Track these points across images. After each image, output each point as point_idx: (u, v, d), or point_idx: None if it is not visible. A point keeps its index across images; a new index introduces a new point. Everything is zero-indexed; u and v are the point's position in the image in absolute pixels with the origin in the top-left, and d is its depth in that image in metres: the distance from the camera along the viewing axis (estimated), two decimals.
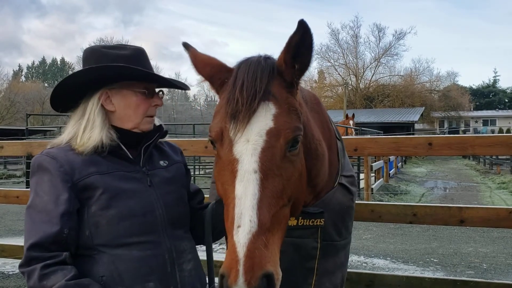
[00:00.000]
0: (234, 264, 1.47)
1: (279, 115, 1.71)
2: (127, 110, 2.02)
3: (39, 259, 1.76)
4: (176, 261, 1.99)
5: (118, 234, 1.88)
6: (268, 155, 1.65)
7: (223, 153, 1.71)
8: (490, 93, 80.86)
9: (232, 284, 1.46)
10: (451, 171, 29.32)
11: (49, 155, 1.93)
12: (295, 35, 1.71)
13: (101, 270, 1.85)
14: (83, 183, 1.89)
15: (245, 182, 1.60)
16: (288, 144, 1.70)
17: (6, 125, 47.97)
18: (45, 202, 1.84)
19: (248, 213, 1.55)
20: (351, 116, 19.53)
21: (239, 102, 1.68)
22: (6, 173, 25.83)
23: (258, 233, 1.52)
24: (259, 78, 1.72)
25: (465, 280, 3.67)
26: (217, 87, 1.89)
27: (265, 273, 1.48)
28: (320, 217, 2.14)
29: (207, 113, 79.44)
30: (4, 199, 4.91)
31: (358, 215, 3.39)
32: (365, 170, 14.28)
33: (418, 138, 3.47)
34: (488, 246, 8.61)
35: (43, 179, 1.89)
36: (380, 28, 61.90)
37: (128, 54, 2.02)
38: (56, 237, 1.79)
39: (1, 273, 6.68)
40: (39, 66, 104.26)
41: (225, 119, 1.71)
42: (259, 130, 1.67)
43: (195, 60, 1.95)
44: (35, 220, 1.83)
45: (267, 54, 1.87)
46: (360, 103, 57.40)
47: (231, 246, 1.52)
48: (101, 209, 1.88)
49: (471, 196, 16.56)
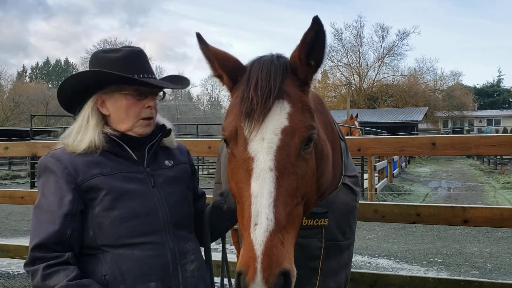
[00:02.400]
0: (252, 262, 1.48)
1: (294, 113, 1.72)
2: (119, 113, 2.03)
3: (43, 259, 1.79)
4: (179, 262, 2.00)
5: (121, 234, 1.90)
6: (283, 154, 1.66)
7: (237, 151, 1.71)
8: (494, 92, 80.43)
9: (250, 281, 1.46)
10: (455, 171, 29.23)
11: (54, 156, 1.96)
12: (309, 31, 1.72)
13: (104, 269, 1.88)
14: (87, 185, 1.91)
15: (261, 180, 1.61)
16: (303, 143, 1.71)
17: (11, 126, 48.25)
18: (50, 203, 1.88)
19: (265, 211, 1.55)
20: (355, 116, 19.49)
21: (254, 100, 1.69)
22: (11, 173, 25.84)
23: (275, 231, 1.53)
24: (273, 76, 1.73)
25: (469, 280, 3.67)
26: (230, 84, 1.90)
27: (283, 270, 1.49)
28: (324, 217, 2.15)
29: (211, 114, 79.56)
30: (9, 200, 4.94)
31: (362, 215, 3.40)
32: (369, 170, 14.25)
33: (421, 138, 3.47)
34: (493, 246, 8.58)
35: (49, 180, 1.92)
36: (383, 28, 61.81)
37: (118, 56, 2.04)
38: (58, 238, 1.82)
39: (7, 273, 6.70)
40: (43, 67, 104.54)
41: (239, 118, 1.72)
42: (274, 129, 1.68)
43: (208, 54, 1.93)
44: (41, 220, 1.87)
45: (279, 53, 1.88)
46: (363, 103, 57.31)
47: (248, 244, 1.52)
48: (105, 210, 1.90)
49: (475, 196, 16.50)
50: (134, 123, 2.03)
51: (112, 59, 2.03)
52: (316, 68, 1.84)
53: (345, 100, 48.14)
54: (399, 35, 60.48)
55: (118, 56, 2.04)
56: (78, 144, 1.97)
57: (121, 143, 2.03)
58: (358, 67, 60.83)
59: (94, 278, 1.85)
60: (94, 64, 2.06)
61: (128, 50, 2.07)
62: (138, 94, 2.03)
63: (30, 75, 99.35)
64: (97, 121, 2.01)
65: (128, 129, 2.04)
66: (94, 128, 1.99)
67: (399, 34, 60.60)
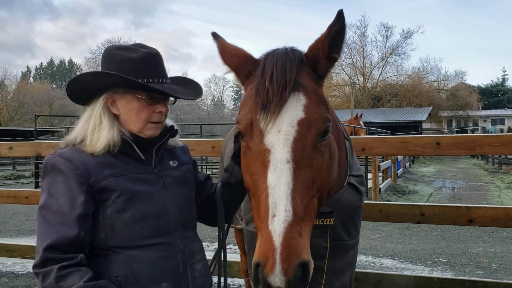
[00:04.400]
0: (271, 253, 1.47)
1: (310, 105, 1.72)
2: (130, 115, 2.00)
3: (55, 260, 1.75)
4: (188, 262, 2.01)
5: (133, 236, 1.89)
6: (300, 146, 1.66)
7: (253, 144, 1.71)
8: (498, 92, 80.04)
9: (268, 273, 1.46)
10: (459, 170, 29.13)
11: (62, 156, 1.91)
12: (334, 25, 1.74)
13: (116, 270, 1.86)
14: (99, 186, 1.88)
15: (278, 172, 1.61)
16: (319, 135, 1.72)
17: (15, 126, 48.43)
18: (61, 203, 1.83)
19: (283, 203, 1.55)
20: (360, 116, 19.45)
21: (270, 92, 1.69)
22: (15, 173, 25.95)
23: (293, 222, 1.53)
24: (288, 68, 1.73)
25: (474, 280, 3.65)
26: (243, 78, 1.91)
27: (301, 261, 1.49)
28: (330, 217, 2.14)
29: (214, 114, 79.67)
30: (13, 200, 4.96)
31: (366, 215, 3.39)
32: (373, 170, 14.21)
33: (426, 137, 3.46)
34: (497, 246, 8.55)
35: (57, 180, 1.87)
36: (387, 28, 61.79)
37: (136, 57, 1.99)
38: (72, 240, 1.78)
39: (11, 272, 6.73)
40: (47, 68, 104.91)
41: (255, 110, 1.72)
42: (290, 120, 1.68)
43: (222, 50, 1.95)
44: (50, 221, 1.82)
45: (293, 46, 1.89)
46: (367, 102, 57.21)
47: (267, 235, 1.52)
48: (117, 212, 1.88)
49: (480, 196, 16.44)
50: (144, 126, 2.01)
51: (129, 59, 1.98)
52: (335, 62, 1.85)
53: (349, 99, 48.08)
54: (403, 35, 60.52)
55: (135, 57, 1.99)
56: (96, 143, 1.93)
57: (131, 144, 2.01)
58: (362, 67, 60.76)
59: (105, 279, 1.83)
60: (108, 61, 2.02)
61: (145, 52, 2.02)
62: (150, 98, 2.00)
63: (34, 76, 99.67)
64: (110, 119, 1.98)
65: (137, 130, 2.02)
66: (110, 127, 1.96)
67: (403, 34, 60.67)
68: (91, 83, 1.99)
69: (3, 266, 7.06)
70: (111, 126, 1.97)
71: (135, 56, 1.99)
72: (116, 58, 2.00)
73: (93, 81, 1.99)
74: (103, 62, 2.05)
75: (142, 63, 1.99)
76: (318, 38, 1.81)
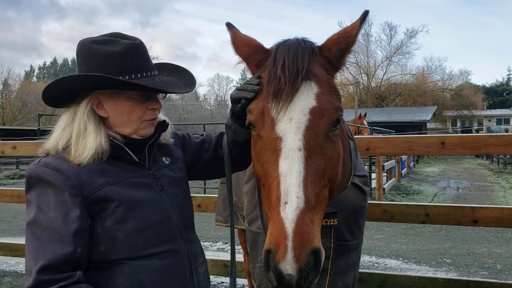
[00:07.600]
0: (283, 240, 1.45)
1: (322, 94, 1.72)
2: (121, 116, 1.83)
3: (52, 281, 1.59)
4: (193, 266, 1.95)
5: (137, 247, 1.77)
6: (312, 134, 1.65)
7: (264, 132, 1.70)
8: (503, 91, 79.75)
9: (280, 259, 1.43)
10: (464, 170, 29.03)
11: (49, 166, 1.72)
12: (361, 22, 1.81)
13: (122, 282, 1.74)
14: (95, 197, 1.72)
15: (290, 159, 1.60)
16: (331, 124, 1.71)
17: (18, 125, 48.65)
18: (52, 218, 1.66)
19: (295, 190, 1.54)
20: (364, 115, 19.40)
21: (282, 80, 1.68)
22: (19, 173, 25.99)
23: (305, 209, 1.52)
24: (301, 57, 1.73)
25: (479, 281, 3.62)
26: (253, 67, 1.91)
27: (314, 248, 1.47)
28: (334, 217, 2.12)
29: (217, 113, 79.64)
30: (17, 199, 4.96)
31: (370, 215, 3.36)
32: (377, 170, 14.18)
33: (430, 137, 3.43)
34: (502, 246, 8.50)
35: (46, 193, 1.69)
36: (391, 27, 61.78)
37: (118, 51, 1.78)
38: (69, 258, 1.63)
39: (15, 272, 6.74)
40: (50, 67, 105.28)
41: (266, 98, 1.71)
42: (302, 109, 1.67)
43: (234, 40, 1.96)
44: (41, 238, 1.64)
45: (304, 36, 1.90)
46: (371, 102, 57.14)
47: (278, 223, 1.50)
48: (117, 223, 1.74)
49: (485, 196, 16.37)
50: (138, 126, 1.86)
51: (111, 54, 1.78)
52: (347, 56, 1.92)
53: (353, 99, 48.02)
54: (407, 34, 60.46)
55: (118, 51, 1.78)
56: (82, 152, 1.74)
57: (123, 147, 1.85)
58: (366, 66, 60.68)
59: None
60: (88, 57, 1.80)
61: (128, 44, 1.81)
62: (141, 96, 1.83)
63: (38, 75, 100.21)
64: (95, 124, 1.79)
65: (131, 132, 1.86)
66: (96, 132, 1.78)
67: (407, 33, 60.62)
68: (68, 89, 1.79)
69: (7, 265, 7.08)
70: (98, 131, 1.79)
71: (117, 50, 1.79)
72: (96, 54, 1.79)
73: (74, 85, 1.79)
74: (81, 59, 1.83)
75: (127, 57, 1.80)
76: (345, 30, 1.86)
